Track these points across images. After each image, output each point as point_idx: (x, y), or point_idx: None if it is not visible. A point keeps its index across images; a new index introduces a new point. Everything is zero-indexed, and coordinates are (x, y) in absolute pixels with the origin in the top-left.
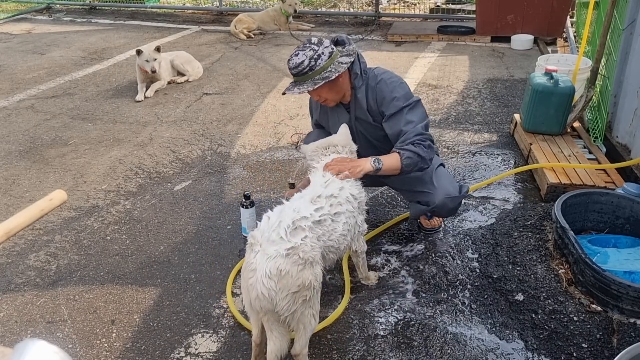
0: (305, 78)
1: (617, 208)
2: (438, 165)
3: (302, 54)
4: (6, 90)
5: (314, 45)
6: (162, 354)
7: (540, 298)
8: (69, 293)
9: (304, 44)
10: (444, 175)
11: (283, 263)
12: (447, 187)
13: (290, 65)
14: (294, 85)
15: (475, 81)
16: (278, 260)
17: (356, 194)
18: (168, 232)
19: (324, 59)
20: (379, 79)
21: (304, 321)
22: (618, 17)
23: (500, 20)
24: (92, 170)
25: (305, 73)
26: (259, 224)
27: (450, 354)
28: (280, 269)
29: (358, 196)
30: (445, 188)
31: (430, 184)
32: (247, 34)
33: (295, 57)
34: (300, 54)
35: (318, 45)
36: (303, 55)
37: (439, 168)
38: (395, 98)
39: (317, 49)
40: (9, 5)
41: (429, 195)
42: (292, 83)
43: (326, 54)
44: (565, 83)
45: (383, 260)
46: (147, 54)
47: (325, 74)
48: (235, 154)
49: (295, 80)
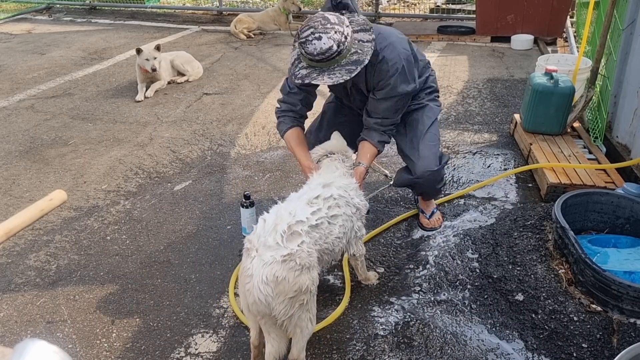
0: (331, 63)
1: (617, 208)
2: (431, 124)
3: (327, 38)
4: (6, 90)
5: (337, 26)
6: (162, 354)
7: (540, 298)
8: (69, 293)
9: (321, 23)
10: (430, 144)
11: (279, 269)
12: (429, 160)
13: (313, 51)
14: (318, 72)
15: (475, 81)
16: (274, 267)
17: (357, 202)
18: (168, 232)
19: (348, 40)
20: (381, 57)
21: (301, 325)
22: (618, 17)
23: (500, 20)
24: (92, 170)
25: (333, 58)
26: (255, 227)
27: (450, 354)
28: (277, 275)
29: (359, 204)
30: (427, 160)
31: (416, 151)
32: (247, 34)
33: (317, 42)
34: (325, 38)
35: (341, 25)
36: (329, 40)
37: (430, 130)
38: (391, 86)
39: (341, 29)
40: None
41: (413, 164)
42: (311, 70)
43: (348, 33)
44: (565, 83)
45: (383, 260)
46: (147, 52)
47: (354, 57)
48: (235, 154)
49: (316, 65)
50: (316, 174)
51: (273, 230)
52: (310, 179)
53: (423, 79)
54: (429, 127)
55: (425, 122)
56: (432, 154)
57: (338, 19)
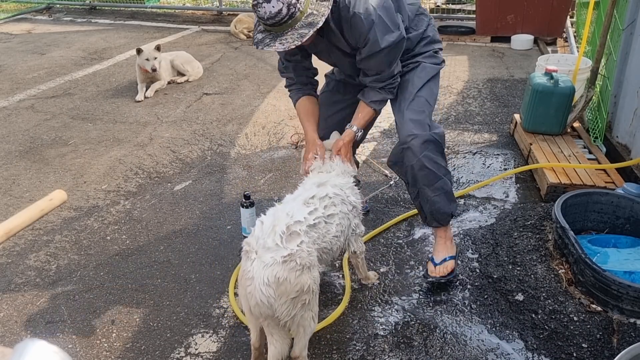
0: (284, 27)
1: (617, 208)
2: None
3: (277, 1)
4: (6, 90)
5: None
6: (162, 354)
7: (540, 298)
8: (69, 293)
9: None
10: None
11: (280, 270)
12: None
13: (262, 15)
14: (271, 38)
15: (475, 81)
16: (275, 268)
17: (352, 200)
18: (168, 232)
19: (302, 1)
20: (352, 12)
21: (304, 324)
22: (618, 17)
23: (500, 20)
24: (92, 170)
25: (285, 22)
26: (253, 229)
27: (450, 354)
28: (278, 277)
29: (354, 202)
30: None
31: (401, 114)
32: (247, 34)
33: (267, 5)
34: (274, 1)
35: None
36: (278, 3)
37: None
38: (371, 41)
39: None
40: (9, 5)
41: (398, 130)
42: (266, 34)
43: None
44: (565, 83)
45: (383, 260)
46: (147, 52)
47: (309, 20)
48: (235, 154)
49: (271, 30)
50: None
51: (272, 232)
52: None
53: (420, 32)
54: (419, 90)
55: (415, 83)
56: (418, 119)
57: None
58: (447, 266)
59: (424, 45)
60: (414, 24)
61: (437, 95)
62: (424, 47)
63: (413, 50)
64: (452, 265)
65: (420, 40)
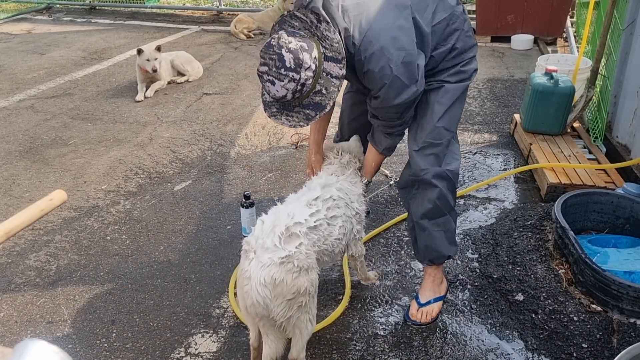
0: (291, 102)
1: (617, 208)
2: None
3: (281, 87)
4: (6, 90)
5: (292, 73)
6: (162, 354)
7: (540, 298)
8: (69, 293)
9: (275, 65)
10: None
11: (277, 271)
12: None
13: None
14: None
15: (475, 81)
16: (272, 269)
17: (356, 207)
18: (168, 232)
19: (309, 83)
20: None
21: (300, 326)
22: (618, 17)
23: (500, 20)
24: (92, 171)
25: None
26: (253, 229)
27: (450, 354)
28: (275, 278)
29: (358, 209)
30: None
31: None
32: (247, 34)
33: (271, 86)
34: (278, 85)
35: (297, 72)
36: (282, 89)
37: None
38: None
39: (297, 77)
40: (9, 5)
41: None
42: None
43: (311, 71)
44: (565, 83)
45: (383, 260)
46: (147, 53)
47: (317, 98)
48: (235, 154)
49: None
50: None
51: (271, 232)
52: (310, 180)
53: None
54: (439, 119)
55: (436, 111)
56: (433, 153)
57: (297, 61)
58: (432, 311)
59: (450, 59)
60: (442, 40)
61: (460, 114)
62: (450, 62)
63: (437, 66)
64: (437, 310)
65: (447, 55)
